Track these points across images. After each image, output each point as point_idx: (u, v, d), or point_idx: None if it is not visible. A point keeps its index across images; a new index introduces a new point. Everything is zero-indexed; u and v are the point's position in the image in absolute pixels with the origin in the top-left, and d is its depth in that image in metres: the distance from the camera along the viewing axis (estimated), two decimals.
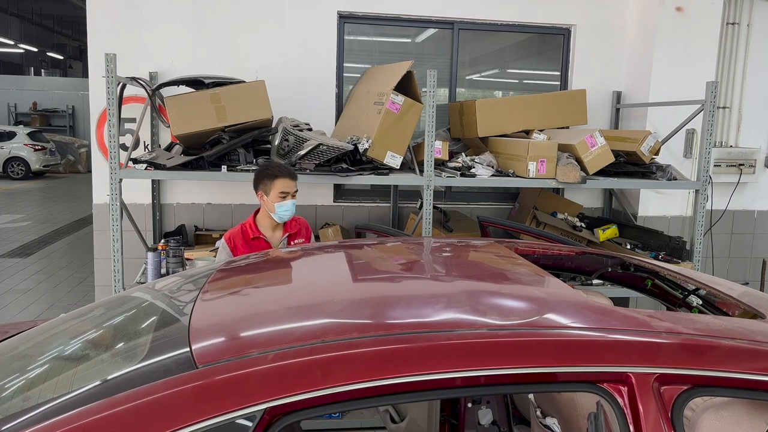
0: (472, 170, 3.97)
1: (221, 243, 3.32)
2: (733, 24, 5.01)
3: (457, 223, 4.53)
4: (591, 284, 3.45)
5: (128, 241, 3.95)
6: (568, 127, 4.52)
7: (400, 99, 3.71)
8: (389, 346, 1.37)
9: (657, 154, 4.21)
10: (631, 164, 4.14)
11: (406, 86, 3.81)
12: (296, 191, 3.22)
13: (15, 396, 1.50)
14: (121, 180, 3.48)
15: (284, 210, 3.21)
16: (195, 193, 4.60)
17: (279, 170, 3.22)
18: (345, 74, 4.77)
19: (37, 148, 17.37)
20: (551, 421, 2.22)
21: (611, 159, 3.94)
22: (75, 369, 1.56)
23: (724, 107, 5.11)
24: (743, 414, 1.56)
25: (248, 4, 4.47)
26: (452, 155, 4.26)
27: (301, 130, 3.77)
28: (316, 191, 4.72)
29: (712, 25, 4.72)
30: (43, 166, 17.57)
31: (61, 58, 27.37)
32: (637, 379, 1.40)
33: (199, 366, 1.29)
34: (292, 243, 3.32)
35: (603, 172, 3.98)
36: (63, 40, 27.52)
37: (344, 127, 4.21)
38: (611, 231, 4.47)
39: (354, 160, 3.71)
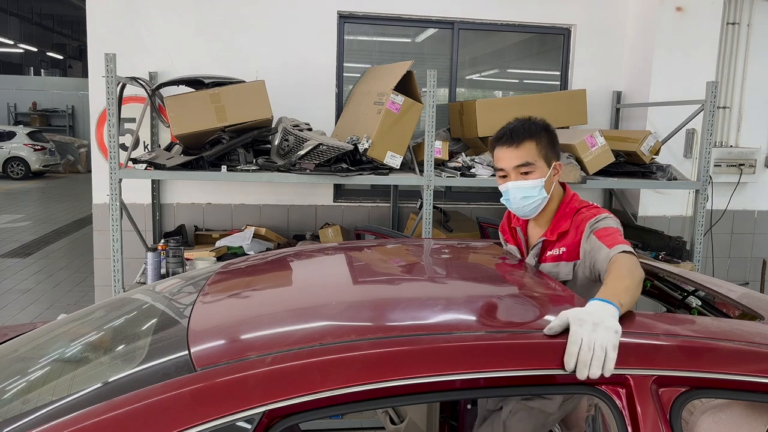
0: (472, 170, 3.97)
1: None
2: (733, 24, 5.01)
3: (457, 224, 4.53)
4: None
5: (128, 241, 3.95)
6: (568, 127, 4.52)
7: (400, 99, 3.71)
8: (388, 349, 1.37)
9: (657, 154, 4.21)
10: (631, 164, 4.14)
11: (406, 86, 3.81)
12: (527, 164, 2.07)
13: (14, 399, 1.50)
14: (120, 180, 3.48)
15: (504, 195, 2.16)
16: (195, 193, 4.60)
17: (497, 133, 2.16)
18: (345, 74, 4.77)
19: (36, 148, 17.38)
20: None
21: (611, 159, 3.94)
22: (74, 372, 1.56)
23: (724, 107, 5.11)
24: (742, 416, 1.56)
25: (248, 4, 4.47)
26: (452, 155, 4.26)
27: (301, 130, 3.77)
28: (316, 191, 4.73)
29: (712, 25, 4.72)
30: (43, 166, 17.59)
31: (61, 58, 27.35)
32: (635, 381, 1.40)
33: (197, 369, 1.29)
34: (548, 252, 2.15)
35: (603, 172, 3.98)
36: (63, 40, 27.50)
37: (344, 127, 4.21)
38: None
39: (354, 160, 3.71)
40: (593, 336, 1.38)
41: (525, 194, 2.09)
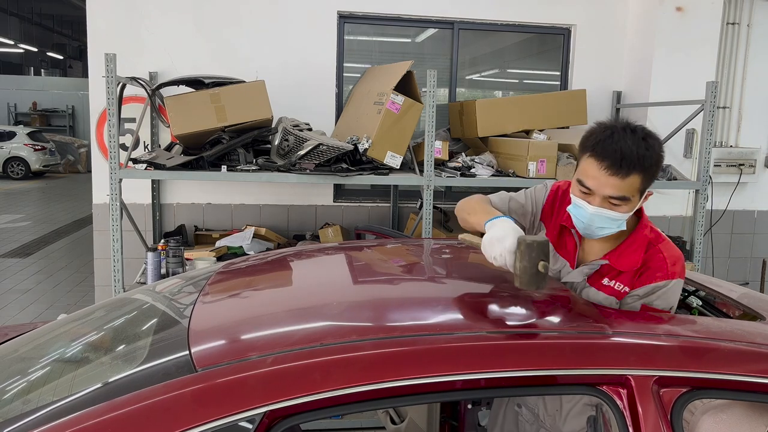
0: (472, 170, 3.97)
1: (546, 184, 2.07)
2: (733, 24, 5.01)
3: (457, 224, 4.51)
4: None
5: (128, 241, 3.95)
6: (568, 127, 4.52)
7: (400, 99, 3.71)
8: (389, 349, 1.37)
9: None
10: None
11: (406, 86, 3.81)
12: (623, 198, 1.71)
13: (14, 399, 1.50)
14: (121, 180, 3.48)
15: (576, 209, 1.80)
16: (195, 193, 4.60)
17: (601, 143, 1.70)
18: (345, 74, 4.77)
19: (36, 148, 17.37)
20: None
21: None
22: (75, 372, 1.56)
23: (724, 107, 5.11)
24: (743, 416, 1.56)
25: (248, 4, 4.47)
26: (452, 155, 4.26)
27: (301, 130, 3.77)
28: (316, 191, 4.72)
29: (712, 25, 4.72)
30: (43, 166, 17.58)
31: (61, 58, 27.34)
32: (637, 381, 1.40)
33: (198, 369, 1.29)
34: (605, 279, 1.86)
35: None
36: (63, 40, 27.48)
37: (344, 127, 4.21)
38: None
39: (354, 160, 3.71)
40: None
41: (603, 224, 1.75)
